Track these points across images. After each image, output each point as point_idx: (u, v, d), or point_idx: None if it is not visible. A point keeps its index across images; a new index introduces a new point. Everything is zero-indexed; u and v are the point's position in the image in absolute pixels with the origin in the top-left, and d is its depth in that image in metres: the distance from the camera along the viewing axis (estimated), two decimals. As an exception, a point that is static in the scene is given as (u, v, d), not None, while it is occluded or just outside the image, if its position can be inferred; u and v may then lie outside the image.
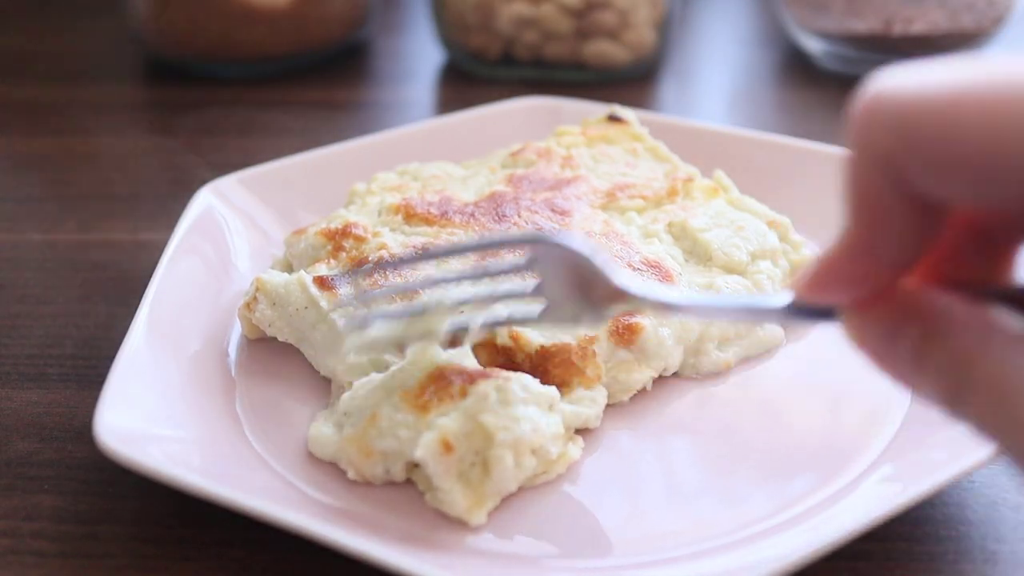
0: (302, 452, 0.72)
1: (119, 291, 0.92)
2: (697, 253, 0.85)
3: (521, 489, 0.69)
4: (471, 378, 0.68)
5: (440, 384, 0.68)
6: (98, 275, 0.95)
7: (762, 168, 0.98)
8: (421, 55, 1.40)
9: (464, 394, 0.67)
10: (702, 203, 0.89)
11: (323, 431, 0.72)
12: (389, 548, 0.62)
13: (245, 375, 0.79)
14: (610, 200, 0.89)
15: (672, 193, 0.90)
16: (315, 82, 1.32)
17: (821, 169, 0.97)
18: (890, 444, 0.71)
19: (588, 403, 0.73)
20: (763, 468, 0.71)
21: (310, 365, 0.79)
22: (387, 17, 1.50)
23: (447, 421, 0.66)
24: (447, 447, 0.65)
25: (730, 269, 0.84)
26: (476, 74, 1.32)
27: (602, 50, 1.26)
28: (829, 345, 0.80)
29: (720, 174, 0.93)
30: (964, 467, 0.64)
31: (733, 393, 0.78)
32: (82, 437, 0.75)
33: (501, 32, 1.27)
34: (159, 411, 0.71)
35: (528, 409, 0.68)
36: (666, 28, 1.30)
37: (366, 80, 1.35)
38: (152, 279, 0.80)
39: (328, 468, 0.71)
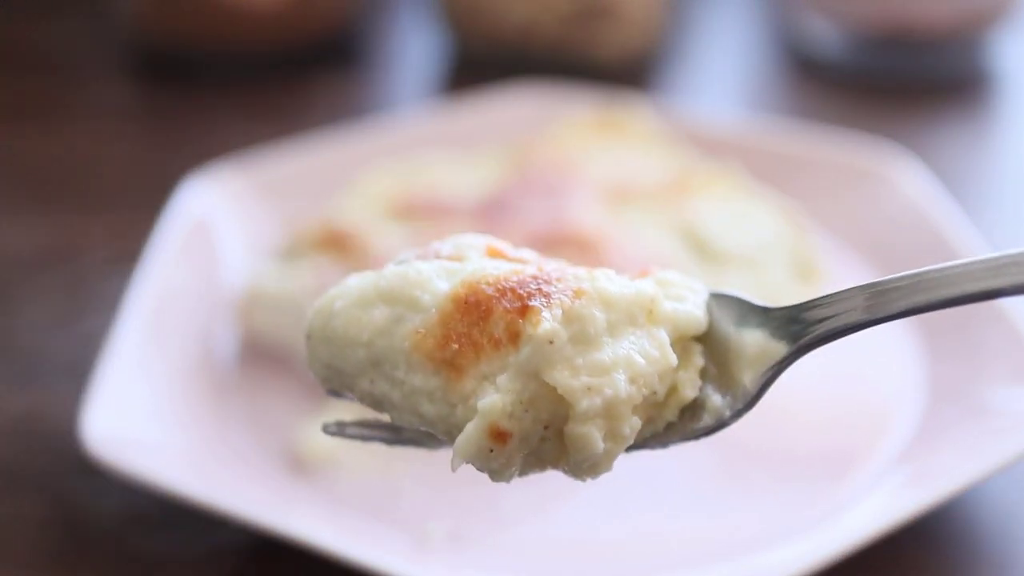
0: (294, 458, 0.71)
1: (107, 289, 0.90)
2: (703, 248, 0.84)
3: (519, 499, 0.68)
4: (522, 304, 0.46)
5: (474, 319, 0.46)
6: (86, 273, 0.93)
7: (769, 161, 0.97)
8: (421, 46, 1.38)
9: (515, 336, 0.45)
10: (708, 198, 0.88)
11: (316, 434, 0.71)
12: (383, 556, 0.61)
13: (236, 379, 0.77)
14: (615, 194, 0.87)
15: (678, 188, 0.89)
16: (311, 74, 1.30)
17: (827, 162, 0.95)
18: (902, 450, 0.70)
19: (687, 292, 0.51)
20: (772, 473, 0.70)
21: (304, 369, 0.77)
22: (386, 9, 1.48)
23: (494, 397, 0.45)
24: (500, 436, 0.45)
25: (737, 264, 0.82)
26: (477, 66, 1.30)
27: (607, 42, 1.25)
28: (838, 348, 0.79)
29: (726, 168, 0.92)
30: (977, 474, 0.63)
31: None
32: (69, 442, 0.73)
33: (503, 24, 1.26)
34: (147, 416, 0.70)
35: (621, 343, 0.47)
36: (672, 21, 1.29)
37: (363, 72, 1.33)
38: (140, 278, 0.79)
39: (321, 474, 0.70)
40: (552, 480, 0.69)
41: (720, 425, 0.50)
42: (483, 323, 0.46)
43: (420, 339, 0.47)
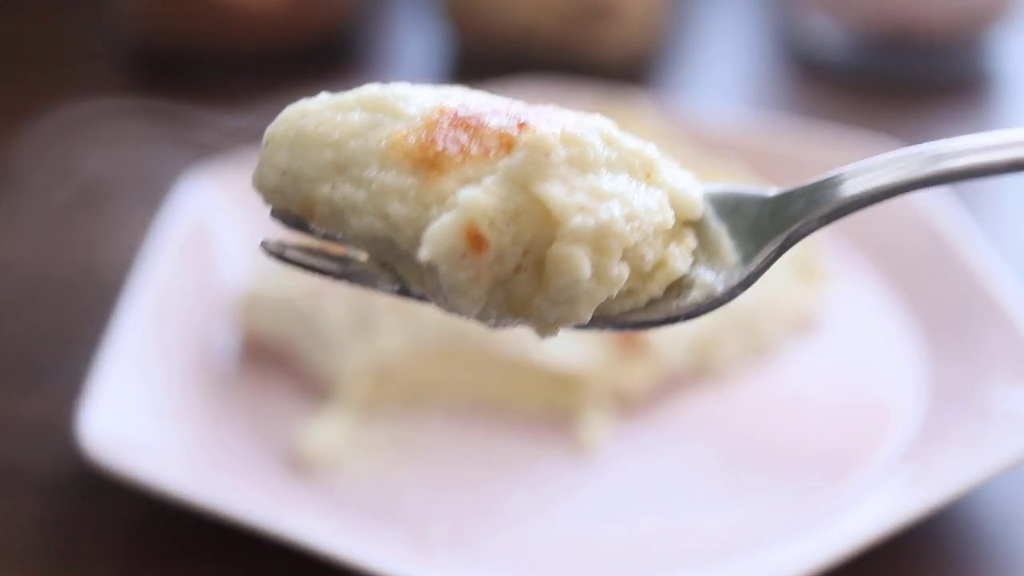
0: (294, 458, 0.70)
1: (104, 287, 0.89)
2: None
3: (519, 499, 0.68)
4: (519, 122, 0.42)
5: (463, 128, 0.42)
6: (82, 270, 0.93)
7: (770, 160, 0.96)
8: (421, 46, 1.38)
9: (509, 147, 0.41)
10: (708, 197, 0.88)
11: (316, 434, 0.70)
12: (383, 556, 0.60)
13: (236, 379, 0.77)
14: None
15: (677, 187, 0.88)
16: (312, 73, 1.29)
17: (828, 161, 0.94)
18: (904, 450, 0.69)
19: (684, 176, 0.47)
20: (773, 473, 0.70)
21: (304, 370, 0.77)
22: (386, 8, 1.48)
23: (477, 192, 0.40)
24: (477, 241, 0.39)
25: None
26: (477, 65, 1.30)
27: (607, 41, 1.25)
28: (838, 348, 0.78)
29: (728, 167, 0.91)
30: (979, 475, 0.62)
31: (739, 401, 0.76)
32: (68, 443, 0.73)
33: (504, 23, 1.25)
34: (146, 417, 0.69)
35: (618, 178, 0.42)
36: (672, 19, 1.28)
37: (363, 72, 1.33)
38: (139, 278, 0.78)
39: (321, 474, 0.69)
40: (552, 480, 0.69)
41: (710, 303, 0.44)
42: (473, 132, 0.41)
43: (400, 138, 0.42)
